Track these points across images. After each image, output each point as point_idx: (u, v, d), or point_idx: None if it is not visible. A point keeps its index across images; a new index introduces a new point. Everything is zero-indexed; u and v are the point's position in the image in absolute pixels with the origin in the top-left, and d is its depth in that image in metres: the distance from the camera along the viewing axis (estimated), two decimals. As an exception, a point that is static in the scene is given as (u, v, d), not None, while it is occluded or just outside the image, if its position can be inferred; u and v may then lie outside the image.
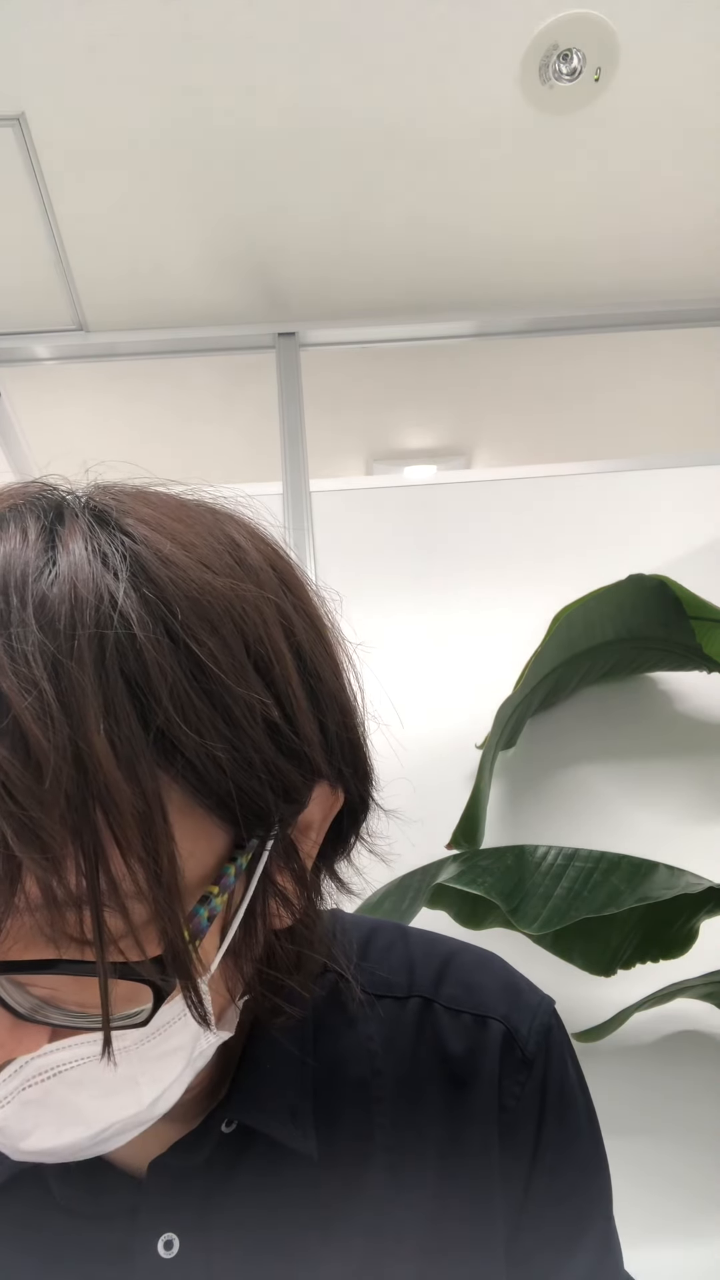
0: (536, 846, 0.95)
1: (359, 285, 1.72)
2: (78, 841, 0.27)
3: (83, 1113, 0.31)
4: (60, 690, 0.27)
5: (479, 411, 2.13)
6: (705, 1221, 1.03)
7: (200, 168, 1.48)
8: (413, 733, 1.32)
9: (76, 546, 0.30)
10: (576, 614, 1.18)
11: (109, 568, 0.29)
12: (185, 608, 0.30)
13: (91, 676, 0.27)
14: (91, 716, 0.27)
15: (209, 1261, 0.40)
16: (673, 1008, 1.09)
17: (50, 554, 0.29)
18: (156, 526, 0.32)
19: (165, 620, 0.29)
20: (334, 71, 1.33)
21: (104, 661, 0.28)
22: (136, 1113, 0.33)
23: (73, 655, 0.27)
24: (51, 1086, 0.30)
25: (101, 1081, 0.31)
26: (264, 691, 0.32)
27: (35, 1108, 0.31)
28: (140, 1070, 0.32)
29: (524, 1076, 0.45)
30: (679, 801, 1.27)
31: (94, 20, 1.24)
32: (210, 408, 2.01)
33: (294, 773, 0.34)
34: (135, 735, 0.28)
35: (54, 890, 0.27)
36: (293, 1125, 0.41)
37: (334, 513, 1.53)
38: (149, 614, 0.29)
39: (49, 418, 2.00)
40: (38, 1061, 0.30)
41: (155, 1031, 0.32)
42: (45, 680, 0.26)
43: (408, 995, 0.47)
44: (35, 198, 1.50)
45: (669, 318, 1.79)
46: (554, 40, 1.29)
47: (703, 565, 1.44)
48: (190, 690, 0.29)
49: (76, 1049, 0.30)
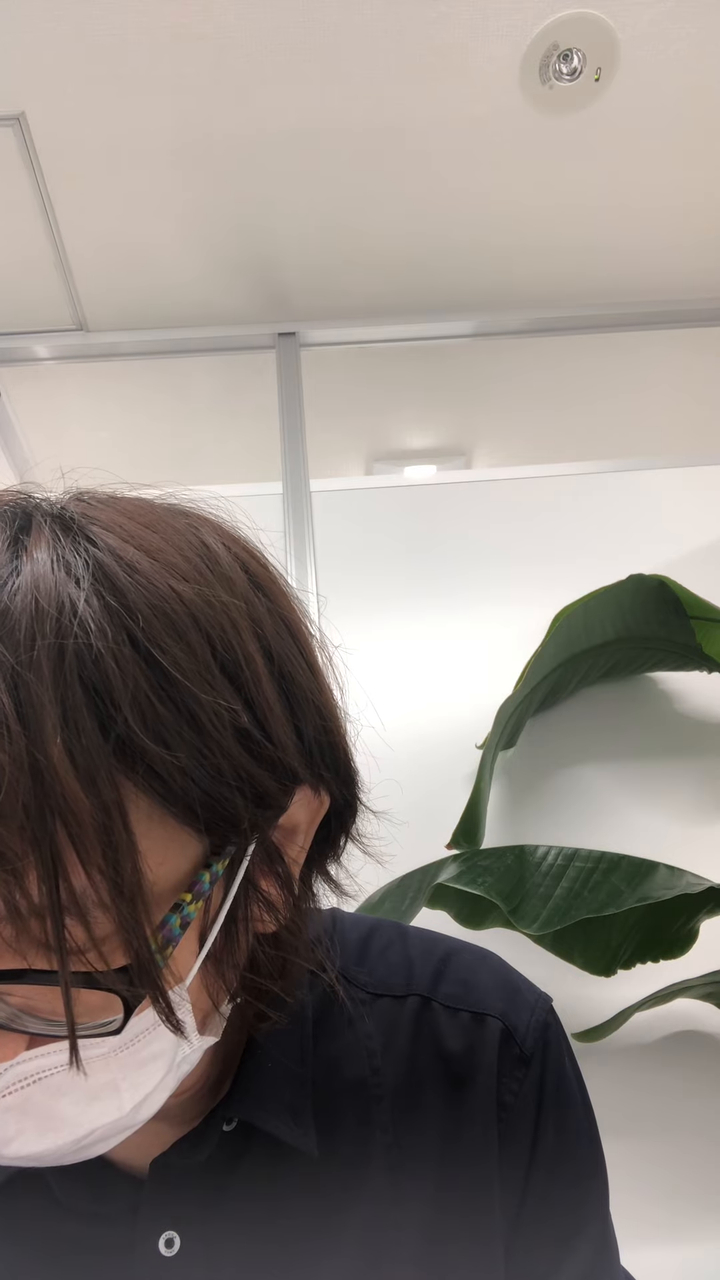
0: (536, 846, 0.95)
1: (359, 285, 1.72)
2: (37, 852, 0.27)
3: (64, 1118, 0.31)
4: (17, 701, 0.27)
5: (479, 411, 2.12)
6: (705, 1221, 1.03)
7: (201, 167, 1.48)
8: (413, 733, 1.32)
9: (41, 555, 0.30)
10: (576, 614, 1.18)
11: (71, 576, 0.29)
12: (148, 615, 0.30)
13: (49, 687, 0.27)
14: (49, 727, 0.27)
15: (210, 1259, 0.40)
16: (673, 1008, 1.09)
17: (15, 564, 0.29)
18: (124, 534, 0.32)
19: (128, 628, 0.29)
20: (334, 70, 1.33)
21: (63, 671, 0.28)
22: (118, 1119, 0.32)
23: (30, 666, 0.27)
24: (30, 1093, 0.31)
25: (81, 1088, 0.31)
26: (233, 697, 0.32)
27: (16, 1114, 0.31)
28: (120, 1076, 0.32)
29: (522, 1073, 0.45)
30: (679, 801, 1.27)
31: (94, 20, 1.24)
32: (210, 408, 2.01)
33: (268, 778, 0.33)
34: (94, 745, 0.28)
35: (16, 902, 0.27)
36: (293, 1123, 0.42)
37: (334, 513, 1.53)
38: (110, 622, 0.29)
39: (49, 418, 2.00)
40: (16, 1069, 0.30)
41: (132, 1039, 0.32)
42: (3, 693, 0.27)
43: (406, 994, 0.47)
44: (35, 198, 1.50)
45: (669, 318, 1.79)
46: (554, 40, 1.29)
47: (703, 565, 1.44)
48: (153, 698, 0.29)
49: (53, 1056, 0.30)
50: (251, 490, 1.54)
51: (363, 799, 0.42)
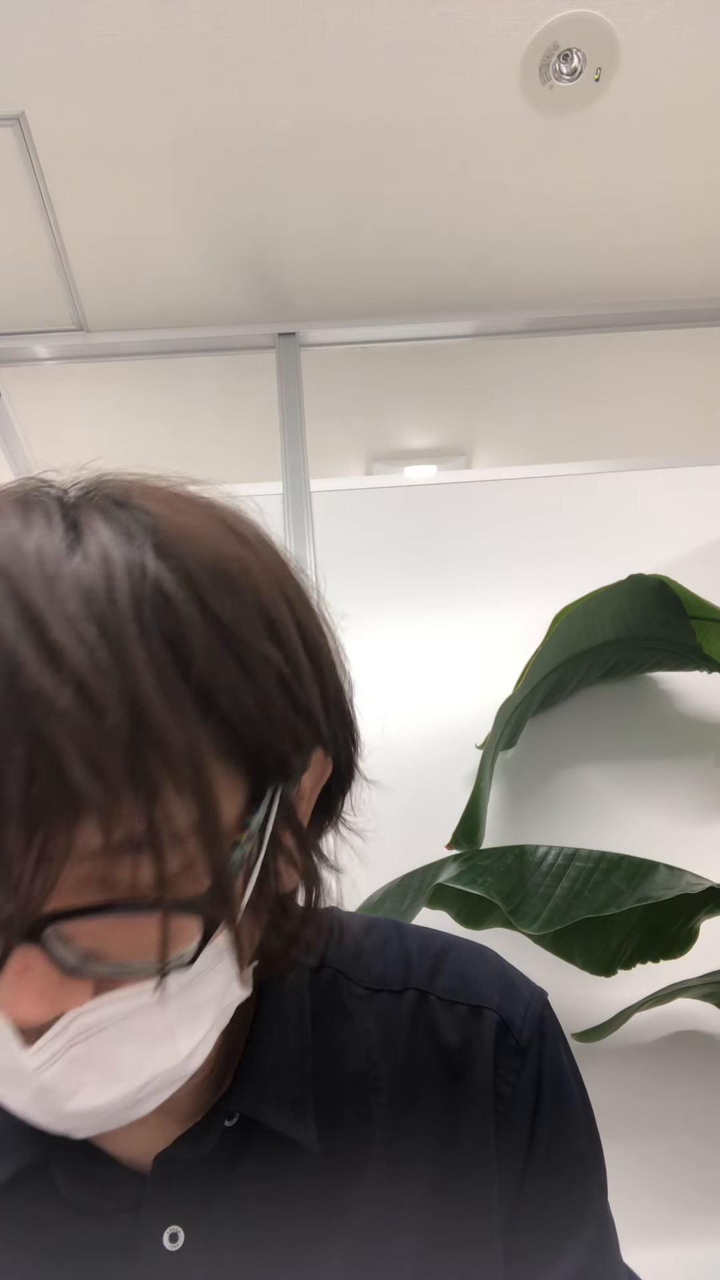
0: (537, 846, 0.95)
1: (359, 285, 1.72)
2: (133, 785, 0.28)
3: (126, 1067, 0.32)
4: (109, 644, 0.29)
5: (479, 411, 2.13)
6: (705, 1221, 1.03)
7: (201, 167, 1.48)
8: (413, 733, 1.32)
9: (99, 525, 0.32)
10: (576, 614, 1.18)
11: (135, 544, 0.31)
12: (204, 574, 0.32)
13: (134, 633, 0.29)
14: (140, 667, 0.29)
15: (214, 1254, 0.41)
16: (673, 1008, 1.09)
17: (75, 534, 0.31)
18: (167, 507, 0.34)
19: (190, 584, 0.32)
20: (334, 70, 1.33)
21: (143, 623, 0.30)
22: (175, 1065, 0.34)
23: (115, 614, 0.29)
24: (97, 1044, 0.31)
25: (143, 1035, 0.32)
26: (274, 650, 0.34)
27: (79, 1066, 0.32)
28: (177, 1022, 0.33)
29: (519, 1064, 0.46)
30: (679, 801, 1.27)
31: (94, 20, 1.24)
32: (210, 408, 2.01)
33: (303, 728, 0.36)
34: (178, 685, 0.30)
35: (112, 833, 0.29)
36: (294, 1117, 0.42)
37: (334, 513, 1.53)
38: (176, 580, 0.31)
39: (49, 418, 2.00)
40: (84, 1018, 0.31)
41: (191, 981, 0.33)
42: (94, 636, 0.28)
43: (403, 988, 0.47)
44: (35, 198, 1.50)
45: (669, 318, 1.79)
46: (554, 40, 1.29)
47: (703, 565, 1.44)
48: (216, 647, 0.31)
49: (122, 1003, 0.31)
50: (251, 490, 1.52)
51: (360, 767, 0.43)
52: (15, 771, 0.27)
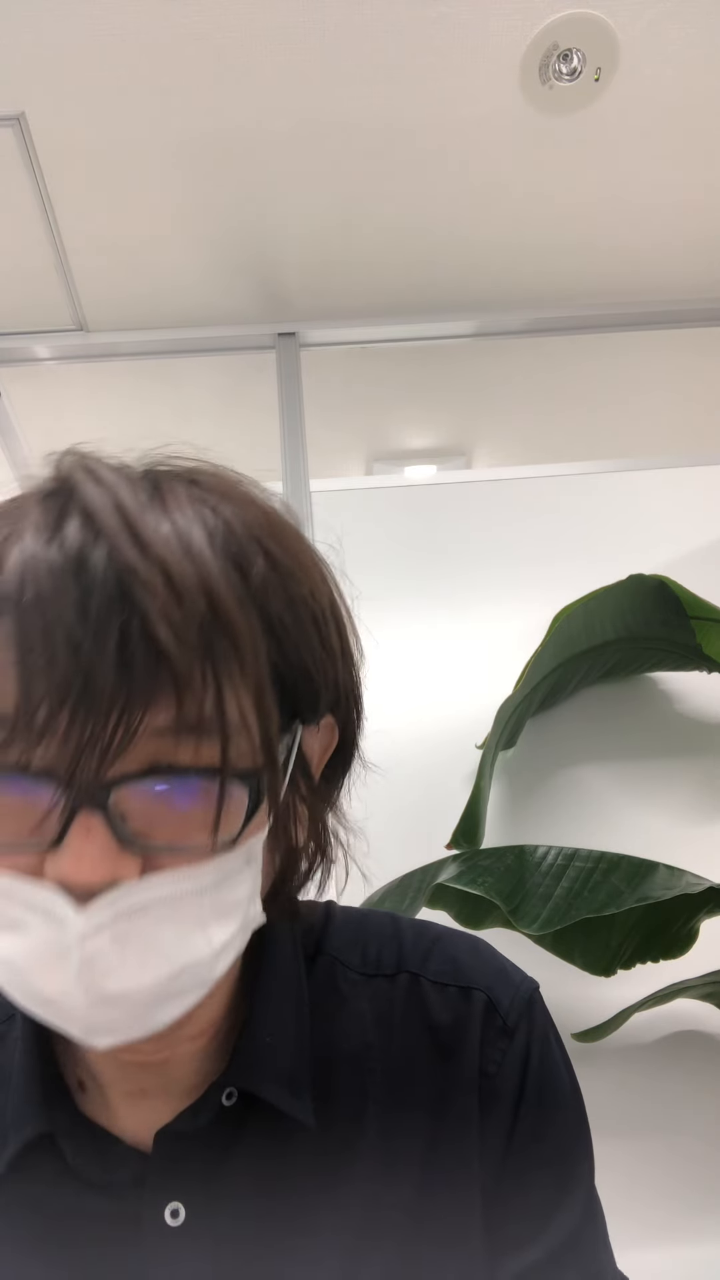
0: (536, 846, 0.95)
1: (359, 285, 1.72)
2: (206, 658, 0.33)
3: (163, 950, 0.35)
4: (190, 552, 0.34)
5: (479, 411, 2.13)
6: (704, 1221, 1.03)
7: (201, 167, 1.48)
8: (413, 733, 1.32)
9: (175, 485, 0.39)
10: (576, 614, 1.18)
11: (204, 500, 0.38)
12: (261, 526, 0.39)
13: (208, 550, 0.35)
14: (214, 572, 0.34)
15: (214, 1228, 0.42)
16: (673, 1008, 1.09)
17: (157, 490, 0.38)
18: (217, 477, 0.41)
19: (250, 529, 0.38)
20: (333, 70, 1.33)
21: (214, 544, 0.36)
22: (206, 957, 0.36)
23: (193, 535, 0.35)
24: (140, 924, 0.34)
25: (182, 920, 0.35)
26: (311, 598, 0.40)
27: (122, 943, 0.34)
28: (211, 916, 0.36)
29: (505, 1044, 0.47)
30: (679, 801, 1.27)
31: (94, 20, 1.24)
32: (210, 408, 2.01)
33: (328, 673, 0.41)
34: (243, 593, 0.35)
35: (183, 707, 0.33)
36: (290, 1095, 0.44)
37: (334, 513, 1.53)
38: (240, 523, 0.38)
39: (49, 418, 2.00)
40: (131, 898, 0.34)
41: (225, 877, 0.36)
42: (177, 544, 0.34)
43: (396, 972, 0.49)
44: (35, 198, 1.50)
45: (669, 318, 1.79)
46: (554, 40, 1.29)
47: (703, 565, 1.44)
48: (271, 577, 0.37)
49: (166, 887, 0.35)
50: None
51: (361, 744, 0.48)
52: (112, 635, 0.32)
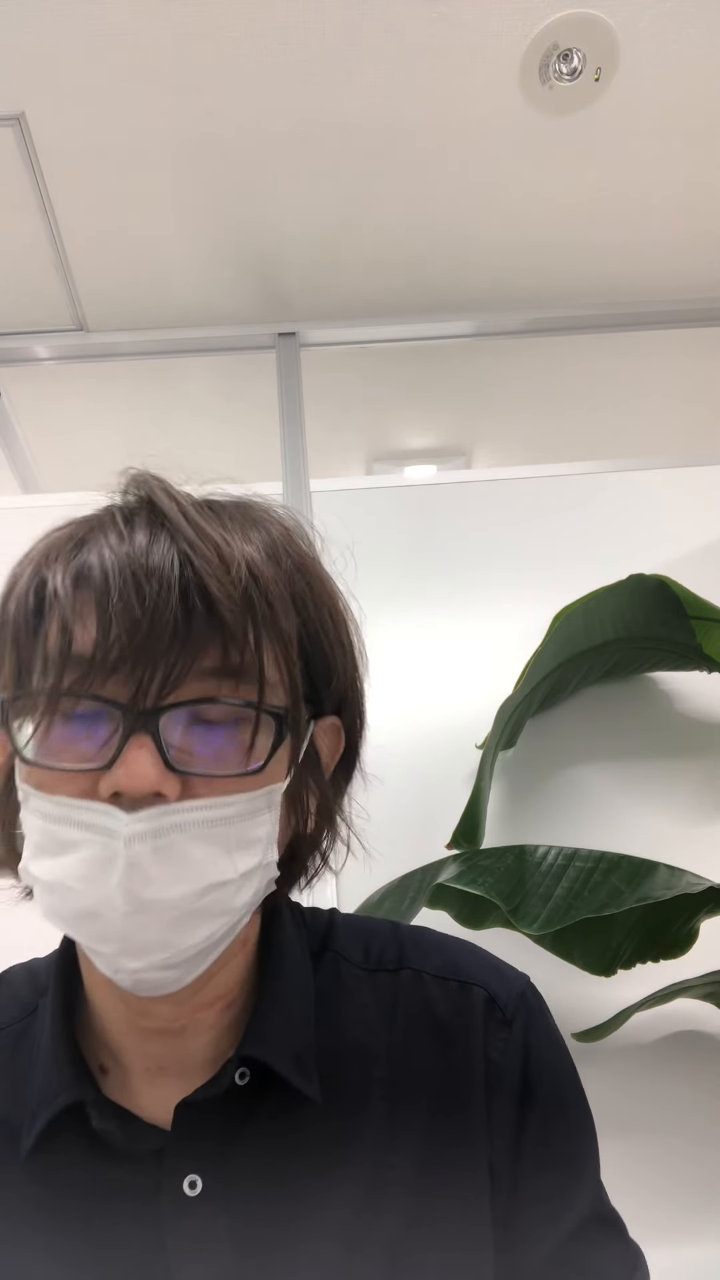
0: (536, 846, 0.95)
1: (359, 285, 1.72)
2: (247, 617, 0.42)
3: (195, 867, 0.41)
4: (233, 539, 0.44)
5: (479, 411, 2.13)
6: (705, 1221, 1.04)
7: (200, 167, 1.48)
8: (413, 733, 1.32)
9: (221, 504, 0.49)
10: (576, 614, 1.18)
11: (245, 515, 0.48)
12: (286, 532, 0.49)
13: (248, 542, 0.45)
14: (255, 554, 0.44)
15: (230, 1199, 0.45)
16: (673, 1008, 1.09)
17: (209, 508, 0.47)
18: (251, 503, 0.52)
19: (283, 529, 0.49)
20: (334, 71, 1.33)
21: (253, 540, 0.46)
22: (230, 879, 0.42)
23: (237, 529, 0.46)
24: (177, 840, 0.40)
25: (213, 843, 0.41)
26: (325, 593, 0.49)
27: (162, 856, 0.40)
28: (235, 845, 0.42)
29: (505, 1034, 0.51)
30: (679, 801, 1.27)
31: (94, 20, 1.24)
32: (210, 408, 2.01)
33: (337, 663, 0.49)
34: (277, 572, 0.45)
35: (227, 657, 0.41)
36: (297, 1070, 0.47)
37: (334, 513, 1.53)
38: (273, 527, 0.48)
39: (49, 418, 2.00)
40: (170, 818, 0.40)
41: (249, 813, 0.43)
42: (224, 534, 0.44)
43: (399, 968, 0.53)
44: (35, 198, 1.50)
45: (669, 318, 1.79)
46: (554, 40, 1.29)
47: (703, 565, 1.44)
48: (295, 568, 0.47)
49: (199, 813, 0.41)
50: (251, 490, 1.54)
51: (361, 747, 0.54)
52: (174, 592, 0.40)
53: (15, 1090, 0.49)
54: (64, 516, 0.48)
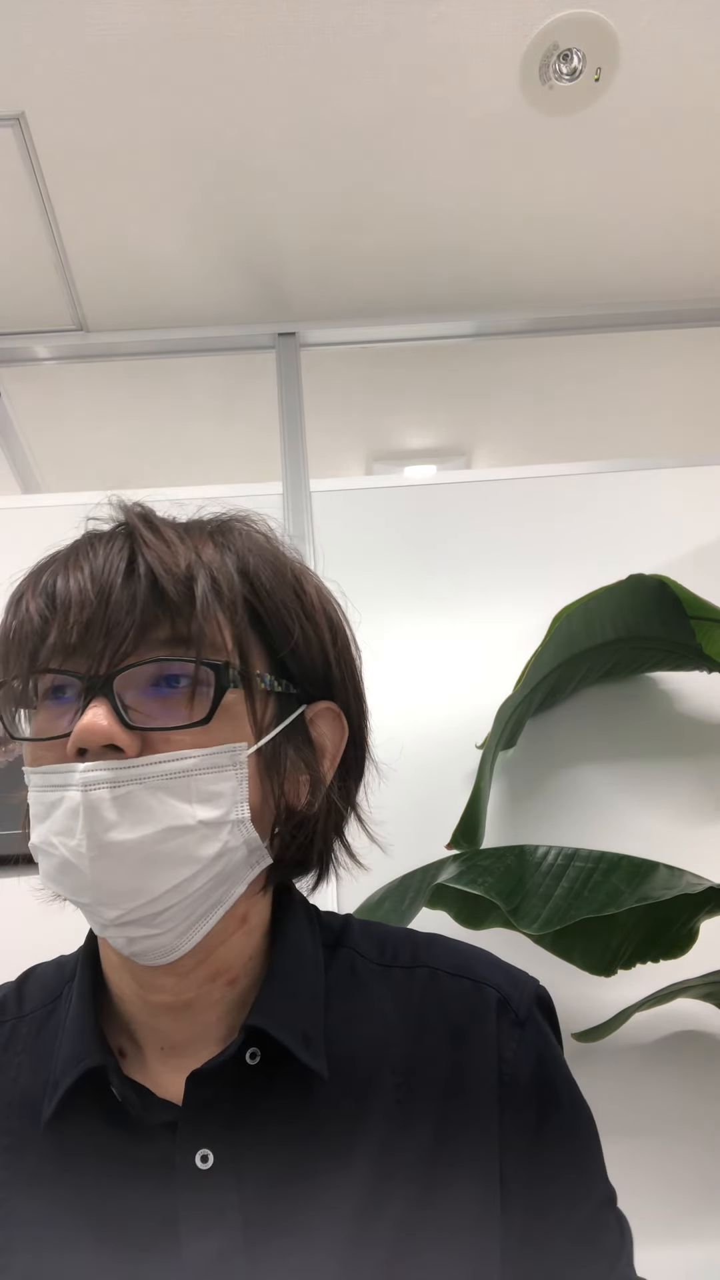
0: (536, 846, 0.95)
1: (359, 285, 1.72)
2: (195, 594, 0.46)
3: (154, 812, 0.45)
4: (188, 534, 0.50)
5: (479, 411, 2.13)
6: (705, 1221, 1.03)
7: (200, 167, 1.48)
8: (413, 733, 1.32)
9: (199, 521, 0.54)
10: (576, 614, 1.18)
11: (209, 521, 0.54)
12: (260, 544, 0.53)
13: (209, 536, 0.51)
14: (209, 542, 0.50)
15: (240, 1173, 0.47)
16: (673, 1008, 1.09)
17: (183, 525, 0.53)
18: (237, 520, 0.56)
19: (247, 523, 0.54)
20: (334, 71, 1.33)
21: (207, 531, 0.51)
22: (191, 824, 0.45)
23: (196, 528, 0.52)
24: (136, 792, 0.44)
25: (170, 793, 0.45)
26: (289, 572, 0.52)
27: (119, 806, 0.44)
28: (195, 797, 0.46)
29: (518, 1034, 0.52)
30: (679, 801, 1.27)
31: (94, 20, 1.24)
32: (210, 408, 2.02)
33: (311, 632, 0.52)
34: (226, 556, 0.50)
35: (175, 627, 0.46)
36: (304, 1046, 0.49)
37: (334, 513, 1.53)
38: (239, 527, 0.53)
39: (49, 418, 2.00)
40: (130, 771, 0.44)
41: (209, 768, 0.46)
42: (179, 529, 0.50)
43: (414, 965, 0.55)
44: (35, 198, 1.50)
45: (669, 318, 1.79)
46: (554, 40, 1.29)
47: (703, 565, 1.44)
48: (257, 546, 0.52)
49: (157, 767, 0.45)
50: (251, 490, 1.54)
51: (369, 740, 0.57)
52: (131, 579, 0.46)
53: (38, 1067, 0.52)
54: (63, 516, 0.51)
